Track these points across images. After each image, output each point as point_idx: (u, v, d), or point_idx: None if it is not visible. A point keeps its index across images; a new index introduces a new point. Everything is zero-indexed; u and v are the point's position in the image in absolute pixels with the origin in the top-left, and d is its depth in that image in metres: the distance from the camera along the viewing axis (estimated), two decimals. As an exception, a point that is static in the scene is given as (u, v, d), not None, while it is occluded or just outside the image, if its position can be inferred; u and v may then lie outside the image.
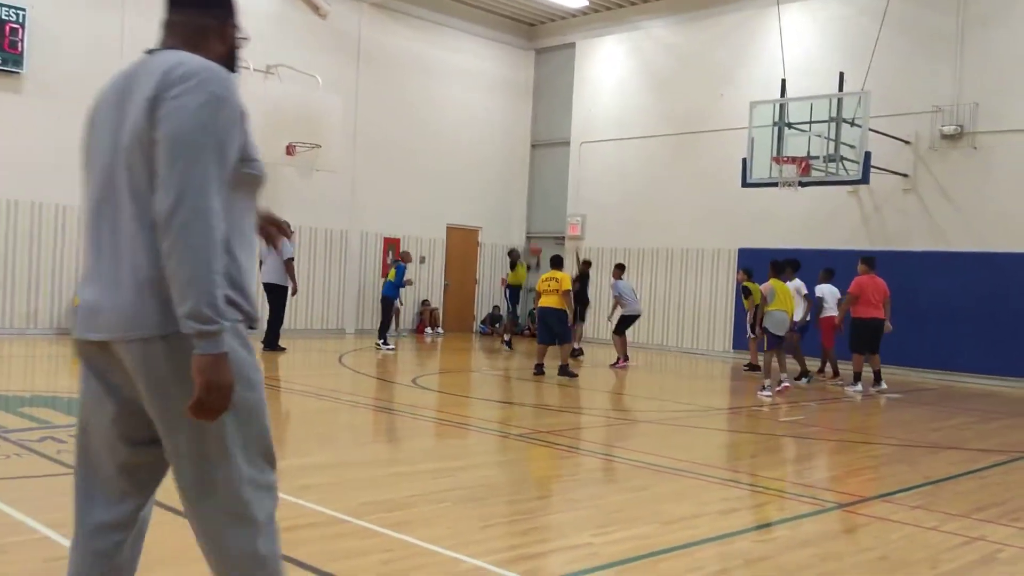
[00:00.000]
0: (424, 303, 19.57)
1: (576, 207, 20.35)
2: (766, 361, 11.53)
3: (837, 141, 14.03)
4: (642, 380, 13.24)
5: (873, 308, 12.15)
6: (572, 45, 20.67)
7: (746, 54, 17.57)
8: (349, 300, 18.29)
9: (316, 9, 17.64)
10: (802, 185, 14.41)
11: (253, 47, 16.85)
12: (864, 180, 13.98)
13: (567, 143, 20.63)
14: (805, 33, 16.65)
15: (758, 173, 14.70)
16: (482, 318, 20.79)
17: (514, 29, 21.01)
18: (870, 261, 12.43)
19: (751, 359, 14.11)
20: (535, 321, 13.33)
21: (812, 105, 14.38)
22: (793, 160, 14.28)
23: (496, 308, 20.67)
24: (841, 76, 14.47)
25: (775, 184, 14.58)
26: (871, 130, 13.97)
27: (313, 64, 16.86)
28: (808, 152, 14.24)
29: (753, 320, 13.49)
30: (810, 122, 14.36)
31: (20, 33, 13.94)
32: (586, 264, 16.10)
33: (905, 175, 15.30)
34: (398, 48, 18.95)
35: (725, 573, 4.11)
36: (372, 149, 18.28)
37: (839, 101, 14.13)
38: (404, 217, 18.83)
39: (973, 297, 14.45)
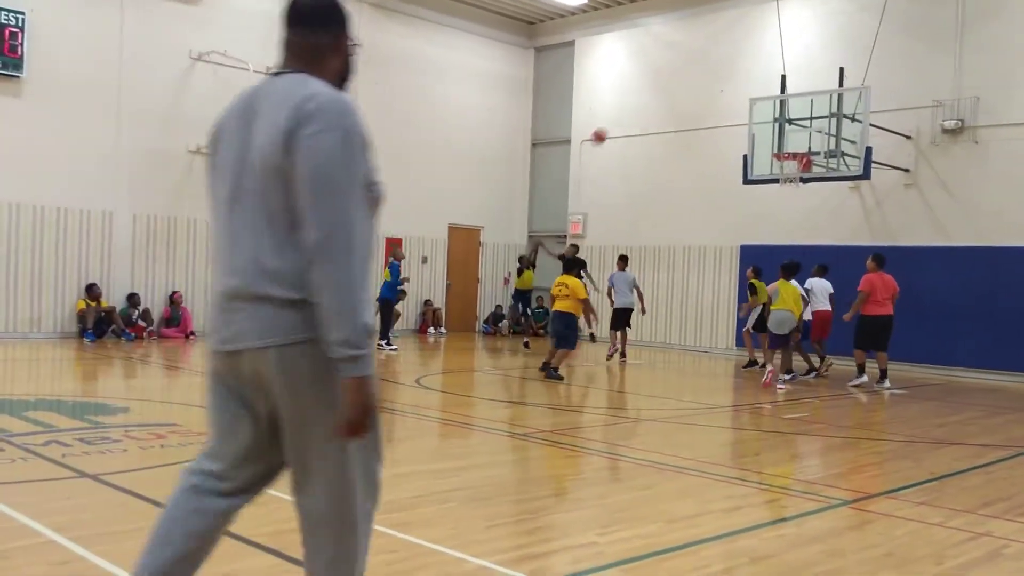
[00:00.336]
0: (426, 303, 19.58)
1: (577, 205, 20.35)
2: (768, 359, 11.66)
3: (838, 137, 14.01)
4: (645, 378, 13.23)
5: (881, 306, 12.13)
6: (571, 43, 20.65)
7: (746, 50, 17.55)
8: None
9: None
10: (803, 181, 14.39)
11: (253, 49, 16.85)
12: (865, 176, 13.97)
13: (568, 141, 20.62)
14: (805, 28, 16.63)
15: (759, 170, 14.69)
16: (484, 318, 20.79)
17: (513, 27, 21.00)
18: (880, 259, 12.38)
19: (749, 356, 14.09)
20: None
21: (812, 101, 14.36)
22: (794, 156, 14.26)
23: (499, 307, 20.68)
24: (841, 71, 14.45)
25: (776, 181, 14.57)
26: (872, 125, 13.96)
27: (313, 65, 16.83)
28: (809, 148, 14.23)
29: (747, 316, 13.57)
30: (811, 118, 14.34)
31: (20, 37, 13.95)
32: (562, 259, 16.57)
33: (906, 170, 15.28)
34: (397, 48, 18.94)
35: (730, 571, 4.11)
36: (372, 150, 18.25)
37: (839, 96, 14.11)
38: (405, 217, 18.82)
39: (975, 292, 14.43)
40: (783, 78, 15.00)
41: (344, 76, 2.57)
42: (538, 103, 21.55)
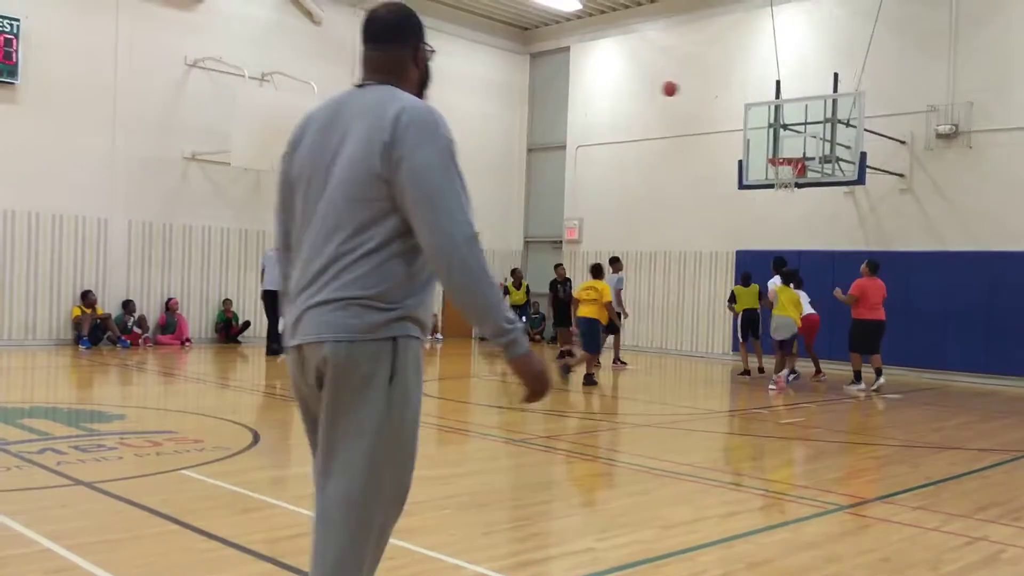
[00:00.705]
0: (422, 309, 19.54)
1: (573, 211, 20.36)
2: (780, 360, 12.22)
3: (832, 142, 14.04)
4: (641, 383, 13.23)
5: (873, 310, 12.22)
6: (567, 49, 20.69)
7: (740, 56, 17.59)
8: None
9: (309, 15, 17.67)
10: (798, 186, 14.41)
11: (248, 55, 16.88)
12: (860, 181, 13.99)
13: (563, 147, 20.65)
14: (799, 34, 16.67)
15: (754, 175, 14.71)
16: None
17: (509, 34, 21.04)
18: (874, 265, 12.47)
19: (744, 365, 14.06)
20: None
21: (807, 106, 14.38)
22: (789, 161, 14.28)
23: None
24: (836, 77, 14.49)
25: (771, 186, 14.59)
26: (866, 130, 13.98)
27: (308, 71, 16.85)
28: (804, 153, 14.25)
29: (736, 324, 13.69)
30: (805, 123, 14.37)
31: (14, 44, 13.94)
32: (560, 268, 16.82)
33: (901, 175, 15.32)
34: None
35: (728, 577, 4.10)
36: (368, 155, 18.26)
37: (834, 102, 14.14)
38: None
39: (970, 296, 14.45)
40: (778, 83, 15.03)
41: (424, 83, 2.72)
42: (534, 109, 21.59)
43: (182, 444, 6.74)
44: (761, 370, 13.82)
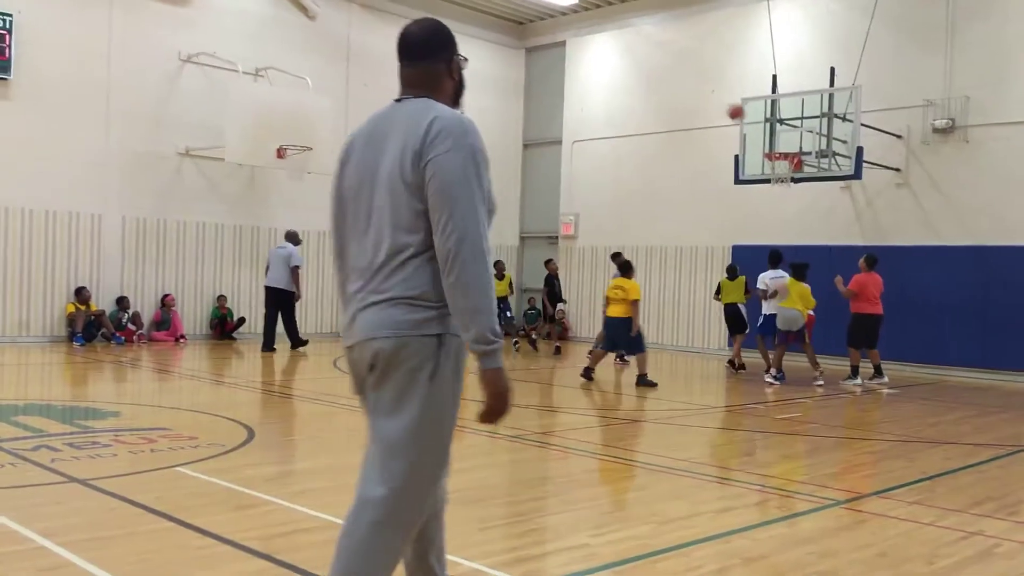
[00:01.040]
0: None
1: (569, 206, 20.34)
2: (777, 355, 12.32)
3: (829, 136, 14.02)
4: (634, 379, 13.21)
5: (873, 304, 12.29)
6: (563, 43, 20.65)
7: (737, 50, 17.57)
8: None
9: (304, 10, 17.62)
10: (795, 181, 14.40)
11: (242, 50, 16.82)
12: (856, 175, 13.98)
13: (559, 142, 20.61)
14: (795, 28, 16.65)
15: (750, 170, 14.70)
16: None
17: (504, 28, 20.99)
18: (872, 260, 12.53)
19: (735, 358, 14.05)
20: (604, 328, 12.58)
21: (803, 101, 14.36)
22: (785, 156, 14.27)
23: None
24: (832, 71, 14.47)
25: (768, 181, 14.56)
26: (863, 125, 13.97)
27: (303, 66, 16.80)
28: (800, 148, 14.23)
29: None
30: (802, 118, 14.34)
31: (7, 39, 13.87)
32: (551, 263, 16.82)
33: (897, 169, 15.31)
34: (387, 49, 18.69)
35: (723, 572, 4.10)
36: (364, 151, 18.22)
37: (830, 96, 14.12)
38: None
39: (966, 291, 14.47)
40: (774, 78, 15.01)
41: (458, 91, 2.88)
42: (529, 104, 21.54)
43: (176, 441, 6.72)
44: (742, 366, 13.81)
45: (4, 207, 14.19)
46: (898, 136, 15.26)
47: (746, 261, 14.91)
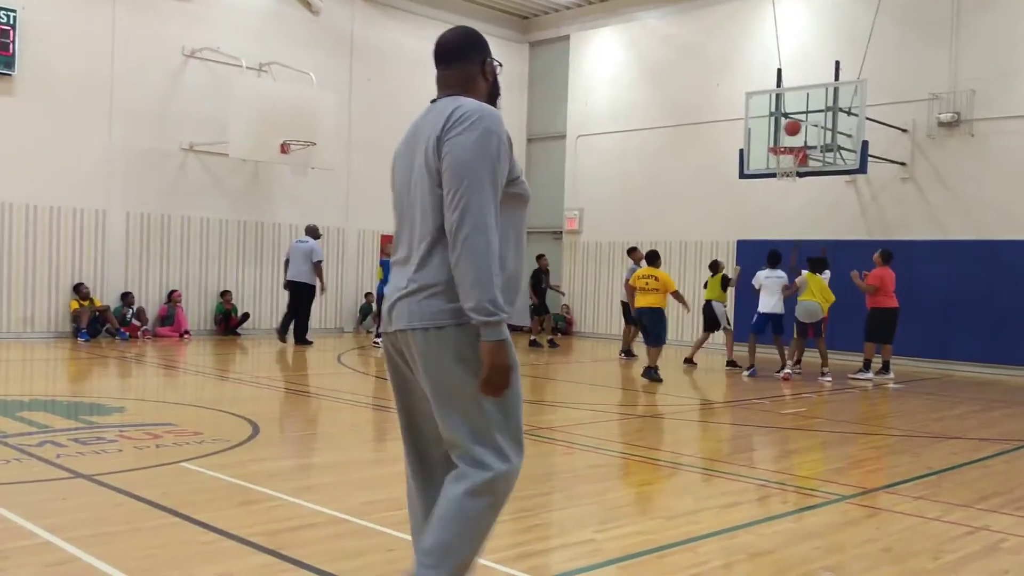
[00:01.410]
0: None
1: (573, 201, 20.31)
2: (792, 346, 12.55)
3: (834, 131, 13.99)
4: (640, 373, 13.20)
5: (891, 299, 12.40)
6: (566, 38, 20.61)
7: (741, 44, 17.52)
8: (347, 298, 18.25)
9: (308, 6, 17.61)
10: (800, 175, 14.37)
11: (246, 45, 16.75)
12: (862, 169, 13.95)
13: (563, 137, 20.59)
14: (800, 22, 16.60)
15: (755, 164, 14.67)
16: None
17: (508, 22, 20.95)
18: (887, 255, 12.60)
19: (728, 355, 13.99)
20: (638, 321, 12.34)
21: (808, 95, 14.33)
22: (790, 151, 14.24)
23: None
24: (837, 65, 14.42)
25: (773, 175, 14.55)
26: (868, 119, 13.94)
27: (306, 61, 16.80)
28: (805, 142, 14.21)
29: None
30: (807, 112, 14.32)
31: (11, 35, 13.88)
32: (543, 259, 16.85)
33: (903, 164, 15.27)
34: (391, 43, 18.89)
35: (729, 567, 4.09)
36: (367, 146, 18.20)
37: (835, 90, 14.08)
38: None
39: (972, 286, 14.43)
40: (779, 72, 14.98)
41: (493, 92, 3.03)
42: (533, 98, 21.51)
43: (181, 436, 6.73)
44: (689, 360, 13.71)
45: (8, 203, 14.21)
46: (903, 130, 15.21)
47: (751, 256, 14.89)
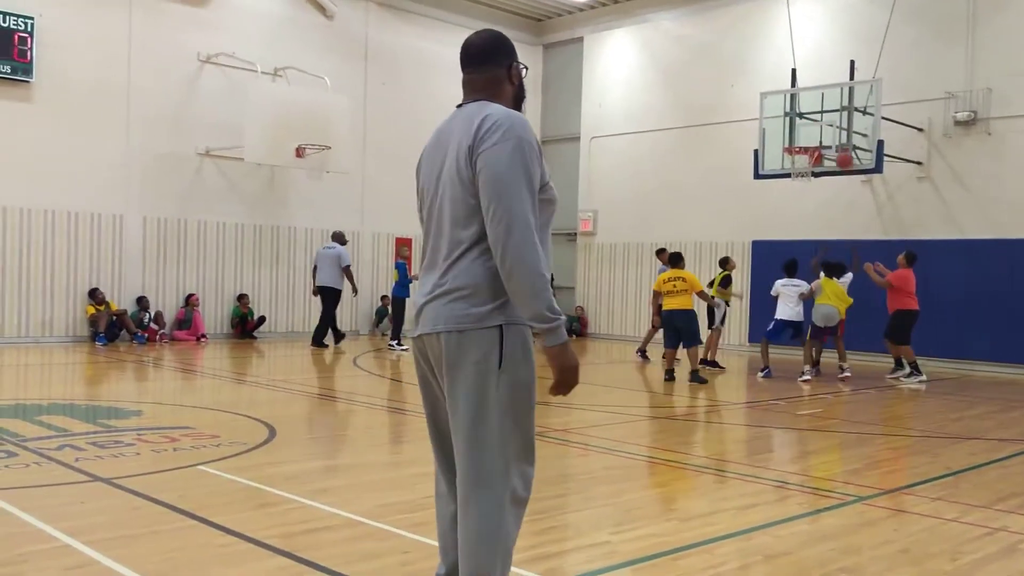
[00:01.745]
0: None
1: (588, 203, 20.30)
2: (807, 349, 12.50)
3: (849, 130, 13.93)
4: (655, 375, 13.17)
5: (914, 300, 12.45)
6: (580, 39, 20.61)
7: (756, 44, 17.46)
8: (362, 301, 18.30)
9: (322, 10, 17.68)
10: (815, 176, 14.31)
11: (261, 50, 16.83)
12: (878, 169, 13.87)
13: (577, 138, 20.58)
14: (815, 22, 16.53)
15: (770, 164, 14.62)
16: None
17: (521, 24, 20.97)
18: (911, 256, 12.63)
19: (711, 355, 13.83)
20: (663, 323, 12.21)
21: (823, 94, 14.27)
22: (805, 151, 14.19)
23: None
24: (852, 64, 14.35)
25: (788, 175, 14.49)
26: (883, 118, 13.86)
27: (321, 66, 16.87)
28: (820, 142, 14.15)
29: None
30: (822, 112, 14.26)
31: (29, 42, 14.01)
32: None
33: (919, 163, 15.18)
34: (405, 47, 18.94)
35: (745, 569, 4.08)
36: (381, 149, 18.28)
37: (850, 90, 14.02)
38: (415, 217, 18.72)
39: (989, 285, 14.32)
40: (793, 72, 14.92)
41: (519, 96, 3.04)
42: (547, 100, 21.52)
43: (198, 440, 6.77)
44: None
45: (27, 209, 14.34)
46: (919, 129, 15.11)
47: (767, 257, 14.83)
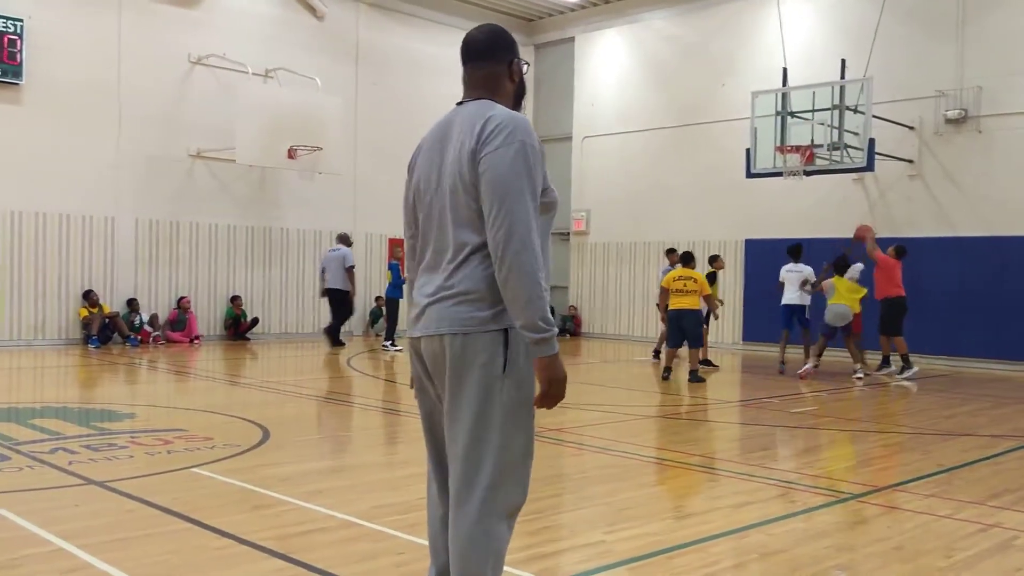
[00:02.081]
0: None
1: (580, 202, 20.32)
2: (816, 346, 12.51)
3: (841, 129, 13.97)
4: (650, 374, 13.19)
5: (900, 288, 12.40)
6: (571, 39, 20.62)
7: (747, 44, 17.50)
8: (357, 302, 18.25)
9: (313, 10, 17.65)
10: (807, 174, 14.35)
11: (252, 51, 16.79)
12: (869, 167, 13.92)
13: (569, 138, 20.60)
14: (805, 20, 16.58)
15: (762, 163, 14.65)
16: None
17: (512, 25, 20.95)
18: (901, 250, 12.66)
19: (703, 353, 13.81)
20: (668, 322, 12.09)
21: (814, 93, 14.31)
22: (797, 149, 14.22)
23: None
24: (843, 63, 14.40)
25: (779, 174, 14.52)
26: (875, 116, 13.91)
27: (312, 66, 16.85)
28: (812, 141, 14.19)
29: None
30: (813, 110, 14.30)
31: (18, 44, 13.96)
32: None
33: (910, 161, 15.23)
34: (396, 47, 18.93)
35: (740, 567, 4.09)
36: (373, 150, 18.27)
37: (841, 88, 14.06)
38: (408, 217, 18.78)
39: (981, 282, 14.39)
40: (784, 71, 14.95)
41: (519, 95, 2.97)
42: (539, 100, 21.52)
43: (192, 442, 6.75)
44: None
45: (18, 211, 14.29)
46: (910, 127, 15.17)
47: (760, 256, 14.86)
